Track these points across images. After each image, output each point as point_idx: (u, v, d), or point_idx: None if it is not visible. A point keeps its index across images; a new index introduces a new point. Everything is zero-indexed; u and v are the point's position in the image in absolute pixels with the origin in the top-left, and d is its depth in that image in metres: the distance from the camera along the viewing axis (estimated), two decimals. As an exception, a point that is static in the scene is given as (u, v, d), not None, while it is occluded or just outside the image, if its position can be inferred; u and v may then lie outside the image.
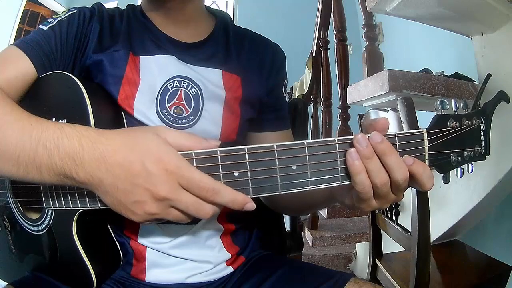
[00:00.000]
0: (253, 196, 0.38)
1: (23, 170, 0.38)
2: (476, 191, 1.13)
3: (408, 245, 0.88)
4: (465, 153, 0.42)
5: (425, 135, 0.40)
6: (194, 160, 0.38)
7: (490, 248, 1.24)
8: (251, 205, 0.37)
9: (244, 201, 0.37)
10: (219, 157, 0.37)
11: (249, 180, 0.37)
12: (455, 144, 0.41)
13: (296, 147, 0.38)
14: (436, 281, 1.03)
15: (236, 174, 0.37)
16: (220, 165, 0.37)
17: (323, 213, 1.65)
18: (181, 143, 0.38)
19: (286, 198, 0.61)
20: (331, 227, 1.84)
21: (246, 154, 0.37)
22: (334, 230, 1.79)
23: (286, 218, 0.87)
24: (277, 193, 0.38)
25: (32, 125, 0.38)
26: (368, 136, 0.38)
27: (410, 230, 0.86)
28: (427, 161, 0.40)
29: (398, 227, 0.95)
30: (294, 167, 0.38)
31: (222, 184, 0.37)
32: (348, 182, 0.39)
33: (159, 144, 0.37)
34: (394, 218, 0.99)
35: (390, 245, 1.14)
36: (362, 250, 1.92)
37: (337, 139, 0.38)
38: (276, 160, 0.37)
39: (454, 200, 1.24)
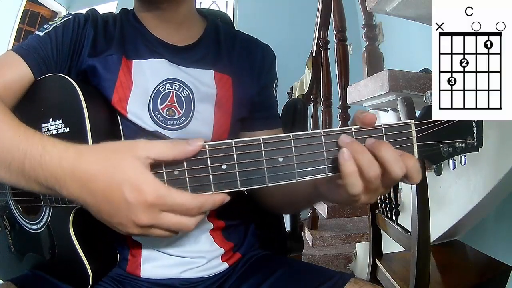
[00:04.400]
0: (242, 189, 0.39)
1: (15, 178, 0.40)
2: (476, 191, 1.13)
3: (408, 245, 0.88)
4: (457, 144, 0.42)
5: (413, 126, 0.40)
6: None
7: (490, 248, 1.23)
8: (227, 198, 0.39)
9: (223, 199, 0.38)
10: (207, 151, 0.38)
11: (237, 173, 0.38)
12: (446, 135, 0.41)
13: (282, 139, 0.38)
14: (436, 281, 1.03)
15: (224, 167, 0.38)
16: (208, 158, 0.38)
17: (323, 213, 1.64)
18: (165, 157, 0.37)
19: (274, 195, 0.61)
20: (331, 227, 1.83)
21: (233, 147, 0.38)
22: (334, 230, 1.79)
23: (286, 218, 0.86)
24: (265, 185, 0.38)
25: (20, 137, 0.40)
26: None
27: (410, 230, 0.85)
28: (415, 152, 0.40)
29: (398, 227, 0.95)
30: (280, 159, 0.38)
31: (203, 196, 0.38)
32: (334, 174, 0.39)
33: (137, 172, 0.36)
34: (394, 218, 0.99)
35: (390, 245, 1.14)
36: (362, 250, 1.91)
37: (323, 131, 0.39)
38: (263, 152, 0.38)
39: (454, 200, 1.24)
